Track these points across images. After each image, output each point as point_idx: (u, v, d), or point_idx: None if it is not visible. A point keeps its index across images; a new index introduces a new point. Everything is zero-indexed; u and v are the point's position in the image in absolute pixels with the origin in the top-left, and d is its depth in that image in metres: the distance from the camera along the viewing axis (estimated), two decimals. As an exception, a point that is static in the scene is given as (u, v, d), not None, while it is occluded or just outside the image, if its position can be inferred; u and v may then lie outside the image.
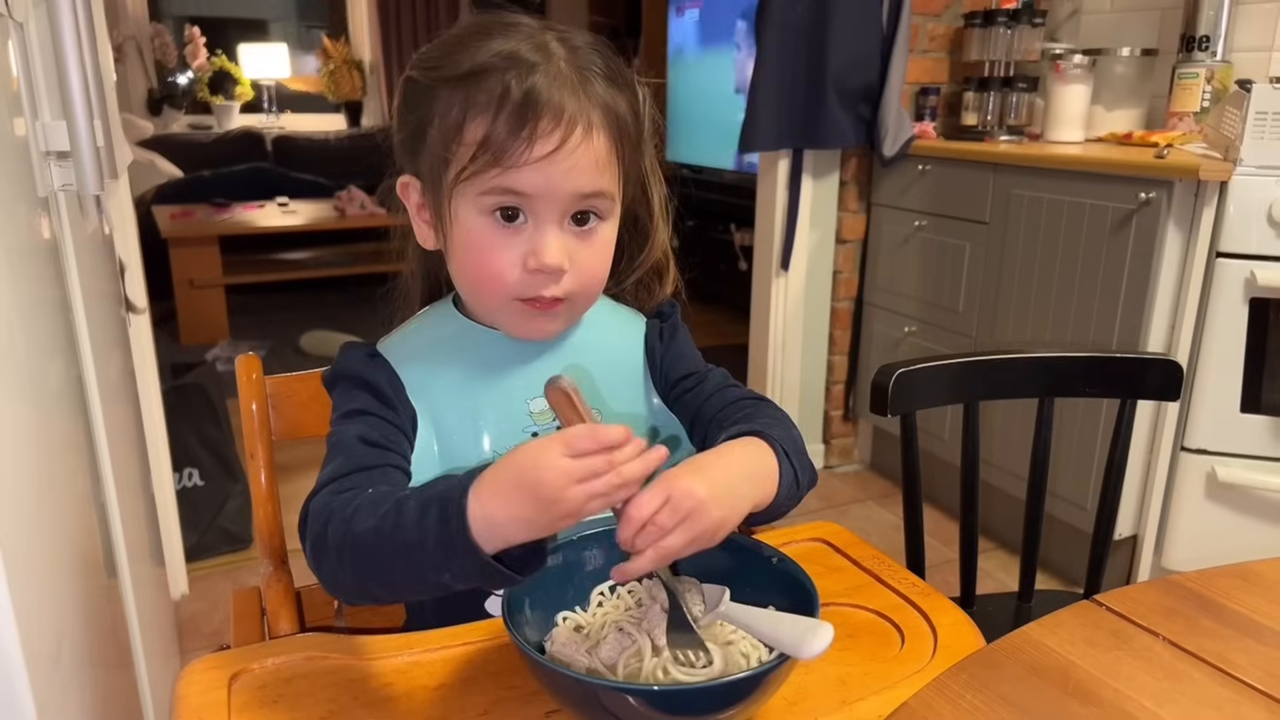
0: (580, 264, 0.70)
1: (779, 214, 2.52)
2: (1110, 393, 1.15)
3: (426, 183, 0.72)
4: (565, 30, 0.71)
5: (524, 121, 0.65)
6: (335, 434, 0.71)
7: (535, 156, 0.65)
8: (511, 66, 0.66)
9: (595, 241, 0.71)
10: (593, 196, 0.68)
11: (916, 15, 2.41)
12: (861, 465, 2.80)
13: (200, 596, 2.03)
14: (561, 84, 0.66)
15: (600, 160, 0.68)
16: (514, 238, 0.68)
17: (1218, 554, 1.86)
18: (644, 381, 0.80)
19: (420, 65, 0.71)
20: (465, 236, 0.69)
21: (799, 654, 0.55)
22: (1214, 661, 0.56)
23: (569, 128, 0.65)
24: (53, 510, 0.85)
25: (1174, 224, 1.76)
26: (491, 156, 0.65)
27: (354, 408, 0.72)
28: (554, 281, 0.69)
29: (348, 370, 0.74)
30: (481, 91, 0.66)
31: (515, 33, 0.68)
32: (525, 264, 0.68)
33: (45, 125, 0.97)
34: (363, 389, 0.73)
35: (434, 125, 0.68)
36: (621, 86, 0.70)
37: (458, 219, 0.69)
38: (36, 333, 0.87)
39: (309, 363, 3.80)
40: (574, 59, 0.68)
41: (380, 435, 0.70)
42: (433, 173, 0.70)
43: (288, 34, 5.81)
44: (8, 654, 0.65)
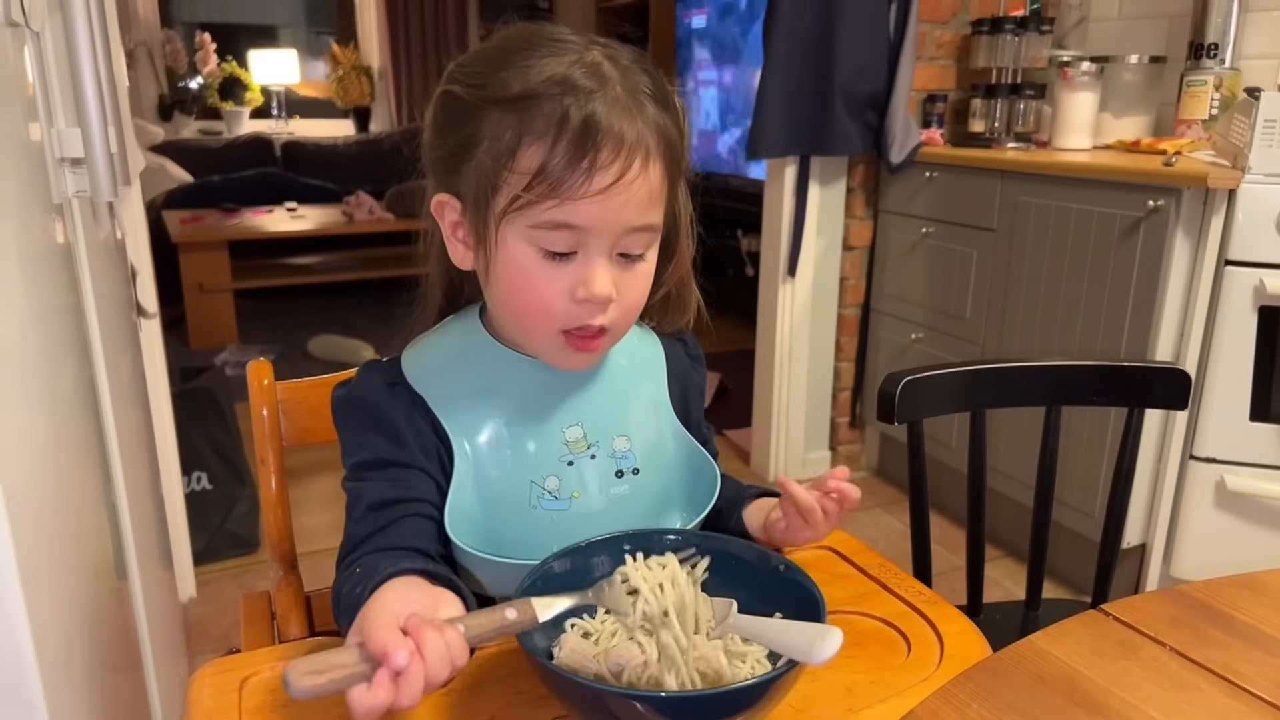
0: (624, 293, 0.69)
1: (786, 220, 2.53)
2: (1118, 401, 1.15)
3: (468, 204, 0.69)
4: (610, 46, 0.69)
5: (584, 151, 0.63)
6: (352, 489, 0.71)
7: (594, 189, 0.63)
8: (568, 91, 0.63)
9: (639, 271, 0.70)
10: (642, 230, 0.67)
11: (924, 23, 2.42)
12: (868, 472, 2.80)
13: (208, 600, 2.04)
14: (620, 111, 0.64)
15: (654, 192, 0.67)
16: (562, 268, 0.66)
17: (1226, 563, 1.86)
18: (666, 404, 0.79)
19: (464, 81, 0.68)
20: (511, 265, 0.67)
21: (809, 659, 0.55)
22: (1221, 672, 0.56)
23: (629, 158, 0.64)
24: (65, 513, 0.86)
25: (1182, 232, 1.76)
26: (548, 187, 0.63)
27: (367, 458, 0.71)
28: (601, 311, 0.68)
29: (365, 402, 0.72)
30: (538, 116, 0.63)
31: (564, 50, 0.66)
32: (574, 294, 0.66)
33: (60, 132, 0.98)
34: (378, 431, 0.71)
35: (482, 148, 0.66)
36: (669, 108, 0.68)
37: (504, 246, 0.67)
38: (50, 336, 0.88)
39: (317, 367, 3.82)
40: (626, 81, 0.66)
41: (394, 491, 0.69)
42: (478, 196, 0.67)
43: (297, 40, 5.83)
44: (21, 657, 0.65)
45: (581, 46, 0.67)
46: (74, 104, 0.97)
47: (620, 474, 0.74)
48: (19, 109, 0.85)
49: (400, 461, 0.70)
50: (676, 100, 0.70)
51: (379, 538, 0.67)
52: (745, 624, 0.64)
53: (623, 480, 0.74)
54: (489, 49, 0.69)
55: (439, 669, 0.50)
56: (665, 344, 0.82)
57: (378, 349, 3.66)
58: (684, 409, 0.81)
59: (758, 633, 0.63)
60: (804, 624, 0.60)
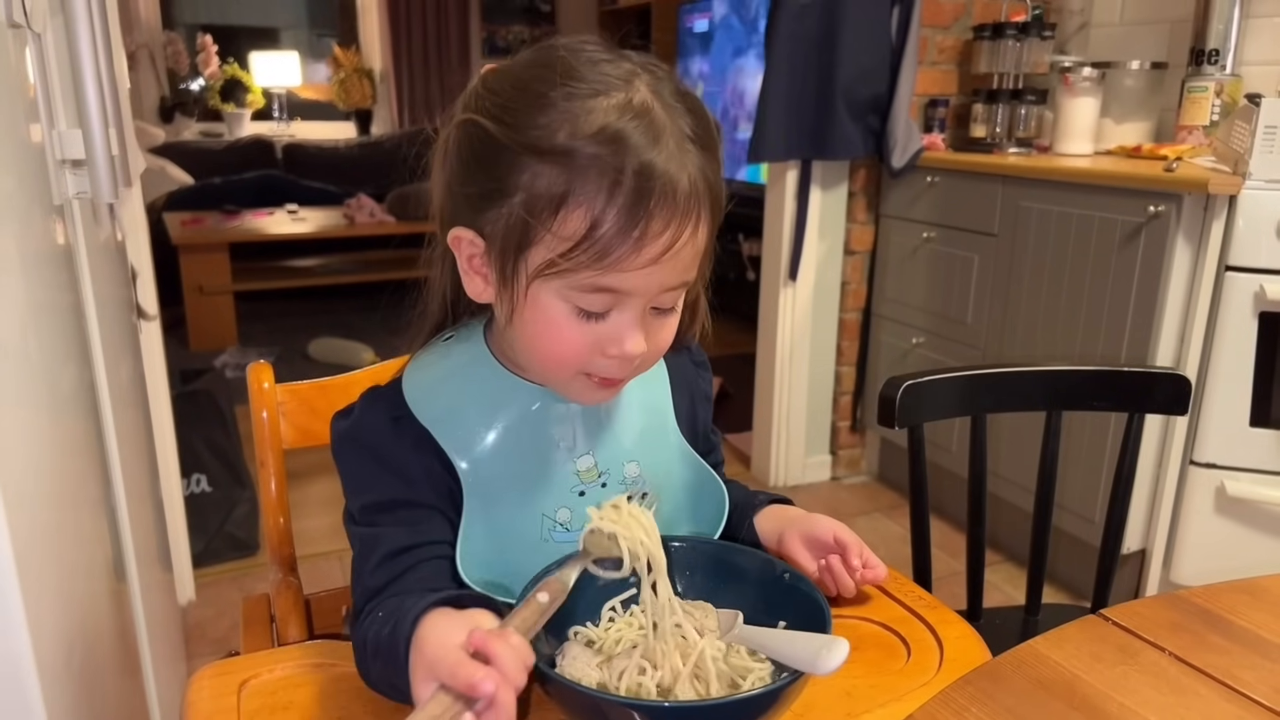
0: (653, 342, 0.66)
1: (787, 224, 2.53)
2: (1118, 407, 1.15)
3: (494, 247, 0.64)
4: (649, 69, 0.64)
5: (635, 220, 0.59)
6: (364, 535, 0.69)
7: (641, 262, 0.60)
8: (620, 149, 0.59)
9: (669, 319, 0.67)
10: (680, 287, 0.65)
11: (925, 28, 2.42)
12: (869, 477, 2.80)
13: (207, 603, 2.03)
14: (673, 171, 0.59)
15: (699, 252, 0.64)
16: (595, 325, 0.63)
17: (1227, 569, 1.86)
18: (672, 424, 0.78)
19: (496, 117, 0.62)
20: (539, 317, 0.64)
21: (816, 670, 0.55)
22: (1220, 677, 0.56)
23: (680, 225, 0.60)
24: (64, 514, 0.86)
25: (1183, 237, 1.76)
26: (594, 256, 0.59)
27: (375, 500, 0.69)
28: (630, 365, 0.66)
29: (369, 442, 0.70)
30: (587, 177, 0.59)
31: (608, 86, 0.60)
32: (604, 350, 0.64)
33: (61, 134, 0.98)
34: (385, 471, 0.69)
35: (517, 198, 0.61)
36: (713, 149, 0.64)
37: (534, 300, 0.63)
38: (50, 337, 0.88)
39: (317, 369, 3.82)
40: (675, 126, 0.61)
41: (408, 538, 0.67)
42: (507, 244, 0.63)
43: (299, 42, 5.84)
44: (19, 659, 0.65)
45: (625, 78, 0.62)
46: (75, 105, 0.97)
47: (630, 499, 0.72)
48: (20, 110, 0.85)
49: (411, 501, 0.68)
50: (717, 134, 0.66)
51: (396, 585, 0.66)
52: (751, 635, 0.64)
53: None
54: (523, 76, 0.63)
55: (519, 677, 0.51)
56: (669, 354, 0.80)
57: (378, 351, 3.66)
58: (691, 420, 0.80)
59: (763, 643, 0.63)
60: (810, 635, 0.60)
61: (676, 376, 0.79)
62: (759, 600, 0.67)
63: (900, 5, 2.34)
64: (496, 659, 0.51)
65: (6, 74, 0.80)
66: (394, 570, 0.66)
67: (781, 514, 0.81)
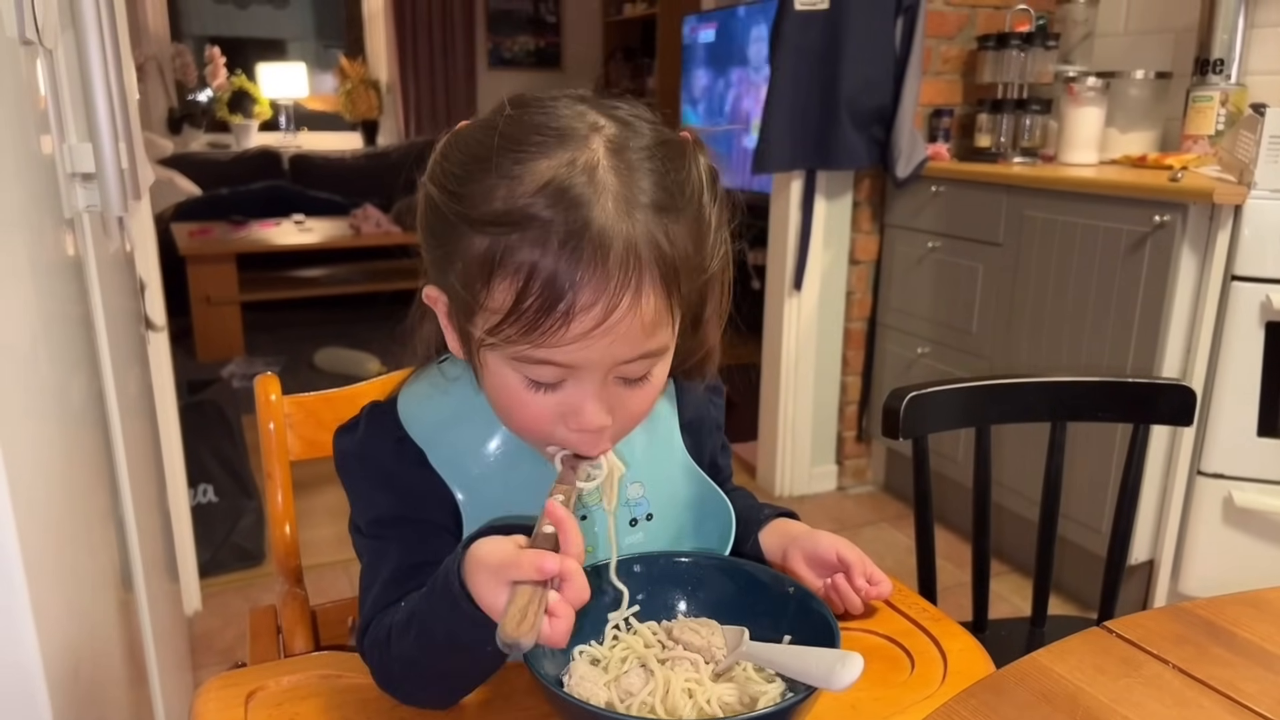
0: (626, 410, 0.63)
1: (792, 234, 2.53)
2: (1123, 418, 1.15)
3: (454, 308, 0.63)
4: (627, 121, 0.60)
5: (560, 293, 0.55)
6: (371, 548, 0.69)
7: (572, 336, 0.56)
8: (547, 218, 0.55)
9: (643, 388, 0.63)
10: (640, 359, 0.60)
11: (930, 38, 2.43)
12: (875, 487, 2.79)
13: (213, 613, 2.04)
14: (607, 240, 0.55)
15: (650, 322, 0.58)
16: (551, 395, 0.61)
17: (1235, 579, 1.85)
18: (678, 441, 0.76)
19: (442, 185, 0.61)
20: (496, 386, 0.63)
21: (831, 686, 0.55)
22: (1224, 690, 0.56)
23: (614, 298, 0.56)
24: (73, 524, 0.86)
25: (1189, 247, 1.76)
26: (520, 331, 0.57)
27: (383, 515, 0.69)
28: (598, 438, 0.63)
29: (374, 461, 0.69)
30: (512, 249, 0.56)
31: (561, 144, 0.57)
32: (566, 422, 0.62)
33: (71, 148, 0.99)
34: (391, 489, 0.69)
35: (456, 269, 0.59)
36: (680, 211, 0.59)
37: (487, 366, 0.62)
38: (60, 348, 0.89)
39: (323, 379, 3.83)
40: (624, 190, 0.57)
41: (414, 556, 0.67)
42: (458, 312, 0.62)
43: (306, 53, 5.88)
44: (28, 669, 0.66)
45: (583, 135, 0.58)
46: (85, 119, 0.98)
47: (634, 522, 0.73)
48: (32, 125, 0.86)
49: (416, 519, 0.68)
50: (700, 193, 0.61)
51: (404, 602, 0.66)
52: (758, 651, 0.63)
53: (636, 528, 0.73)
54: (470, 140, 0.61)
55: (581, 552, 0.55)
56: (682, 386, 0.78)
57: (384, 361, 3.67)
58: (698, 447, 0.78)
59: (772, 659, 0.62)
60: (822, 650, 0.59)
61: (685, 397, 0.78)
62: (764, 615, 0.67)
63: (904, 16, 2.35)
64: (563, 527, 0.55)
65: (19, 90, 0.81)
66: (403, 588, 0.66)
67: (785, 530, 0.80)
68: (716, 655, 0.64)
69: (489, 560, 0.55)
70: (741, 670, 0.63)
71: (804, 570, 0.76)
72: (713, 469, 0.80)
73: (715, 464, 0.81)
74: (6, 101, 0.76)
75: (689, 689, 0.61)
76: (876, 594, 0.74)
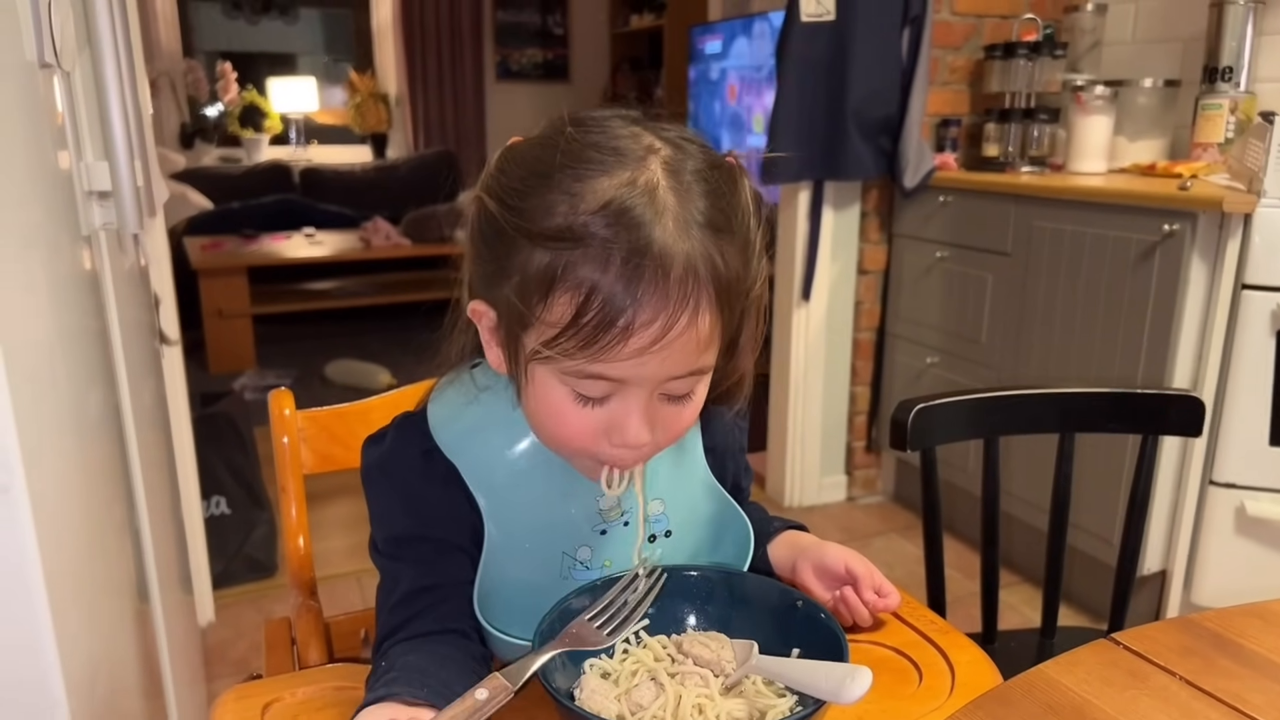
0: (667, 427, 0.64)
1: (800, 244, 2.54)
2: (1132, 429, 1.15)
3: (501, 324, 0.64)
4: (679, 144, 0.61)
5: (621, 309, 0.56)
6: (387, 568, 0.69)
7: (629, 352, 0.57)
8: (610, 236, 0.56)
9: (685, 406, 0.65)
10: (688, 376, 0.62)
11: (936, 48, 2.44)
12: (885, 497, 2.79)
13: (226, 624, 2.05)
14: (668, 259, 0.56)
15: (703, 340, 0.60)
16: (596, 410, 0.62)
17: (1247, 589, 1.84)
18: (700, 458, 0.76)
19: (500, 199, 0.61)
20: (542, 400, 0.63)
21: (840, 700, 0.55)
22: (1230, 701, 0.56)
23: (673, 315, 0.57)
24: (91, 535, 0.87)
25: (1198, 256, 1.76)
26: (578, 345, 0.58)
27: (400, 534, 0.69)
28: (638, 453, 0.64)
29: (400, 476, 0.70)
30: (573, 264, 0.57)
31: (618, 164, 0.58)
32: (609, 436, 0.63)
33: (88, 166, 1.00)
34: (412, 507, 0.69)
35: (512, 282, 0.60)
36: (734, 232, 0.60)
37: (534, 379, 0.63)
38: (77, 362, 0.90)
39: (334, 392, 3.84)
40: (683, 210, 0.58)
41: (429, 577, 0.68)
42: (509, 326, 0.62)
43: (316, 68, 5.92)
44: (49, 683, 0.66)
45: (640, 155, 0.59)
46: (102, 138, 0.99)
47: (653, 538, 0.73)
48: (49, 144, 0.87)
49: (434, 539, 0.69)
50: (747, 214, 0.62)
51: (415, 624, 0.67)
52: (768, 665, 0.63)
53: (655, 544, 0.73)
54: (529, 156, 0.62)
55: None
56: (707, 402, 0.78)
57: (394, 373, 3.69)
58: (721, 469, 0.78)
59: (781, 673, 0.63)
60: (831, 664, 0.60)
61: (712, 423, 0.77)
62: (773, 629, 0.67)
63: (911, 26, 2.36)
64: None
65: (37, 111, 0.83)
66: (413, 609, 0.67)
67: (794, 542, 0.81)
68: (726, 669, 0.65)
69: None
70: (751, 684, 0.64)
71: (813, 582, 0.77)
72: (734, 491, 0.79)
73: (737, 486, 0.81)
74: (26, 123, 0.78)
75: (699, 705, 0.61)
76: (884, 606, 0.74)
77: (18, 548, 0.65)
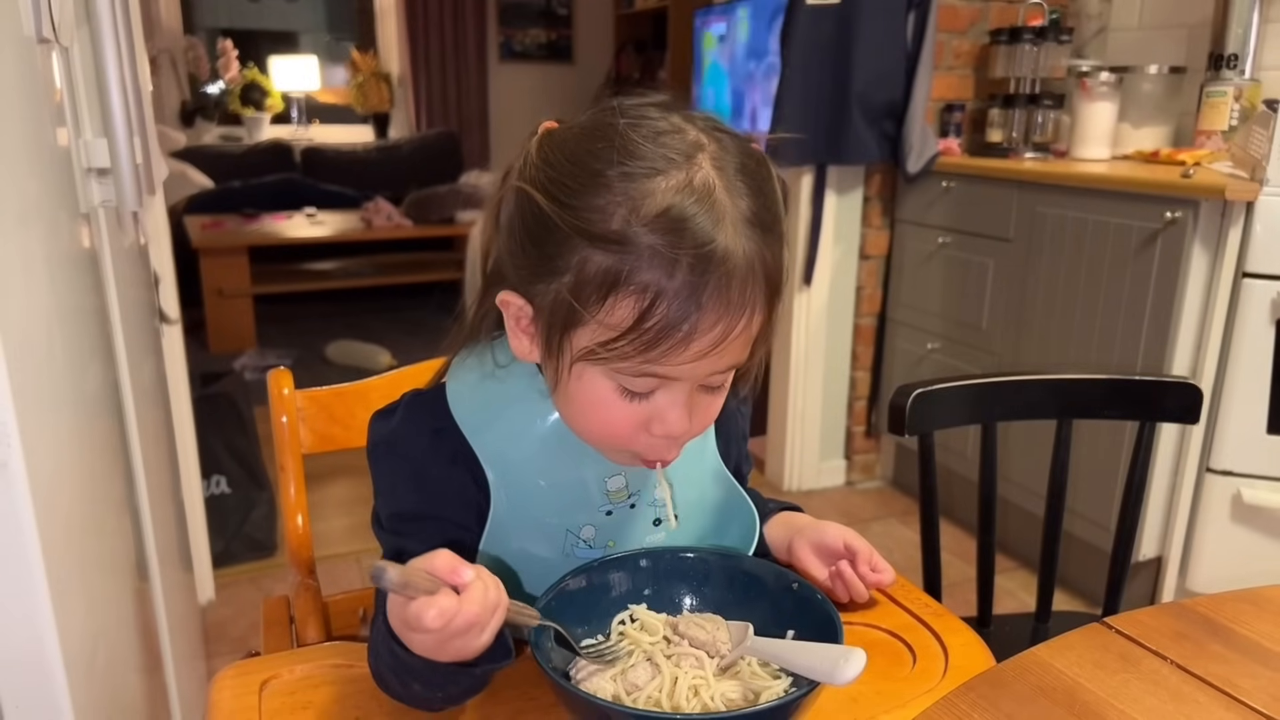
0: (702, 416, 0.65)
1: (802, 229, 2.53)
2: (1129, 415, 1.16)
3: (540, 318, 0.63)
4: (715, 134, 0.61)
5: (685, 316, 0.56)
6: (388, 543, 0.69)
7: (690, 355, 0.58)
8: (675, 241, 0.56)
9: (720, 394, 0.66)
10: (731, 369, 0.63)
11: (942, 32, 2.42)
12: (884, 482, 2.80)
13: (226, 603, 2.06)
14: (730, 264, 0.57)
15: (752, 338, 0.62)
16: (639, 404, 0.62)
17: (1242, 576, 1.85)
18: (712, 448, 0.77)
19: (550, 194, 0.59)
20: (583, 393, 0.63)
21: (834, 681, 0.56)
22: (1221, 685, 0.57)
23: (733, 320, 0.58)
24: (90, 513, 0.88)
25: (1200, 244, 1.76)
26: (639, 348, 0.58)
27: (404, 511, 0.70)
28: (679, 443, 0.65)
29: (407, 454, 0.70)
30: (637, 268, 0.56)
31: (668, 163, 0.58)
32: (649, 428, 0.63)
33: (87, 143, 1.00)
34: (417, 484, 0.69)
35: (566, 278, 0.59)
36: (777, 230, 0.61)
37: (577, 377, 0.62)
38: (76, 340, 0.90)
39: (334, 371, 3.85)
40: (737, 211, 0.58)
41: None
42: (553, 319, 0.61)
43: (317, 46, 5.89)
44: (48, 659, 0.67)
45: (688, 153, 0.59)
46: (101, 115, 0.99)
47: (658, 522, 0.73)
48: (48, 121, 0.87)
49: (439, 517, 0.69)
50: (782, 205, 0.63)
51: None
52: (763, 646, 0.64)
53: (659, 528, 0.73)
54: (579, 150, 0.60)
55: (495, 594, 0.55)
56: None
57: (395, 354, 3.69)
58: (725, 453, 0.79)
59: (776, 654, 0.63)
60: (825, 645, 0.60)
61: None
62: (769, 611, 0.68)
63: (916, 10, 2.34)
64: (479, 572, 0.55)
65: (35, 87, 0.83)
66: None
67: (790, 522, 0.81)
68: (721, 650, 0.65)
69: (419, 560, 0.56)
70: (746, 665, 0.64)
71: (810, 560, 0.77)
72: (735, 476, 0.80)
73: (739, 472, 0.82)
74: (24, 99, 0.78)
75: (695, 686, 0.62)
76: (878, 581, 0.75)
77: (15, 523, 0.65)
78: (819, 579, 0.76)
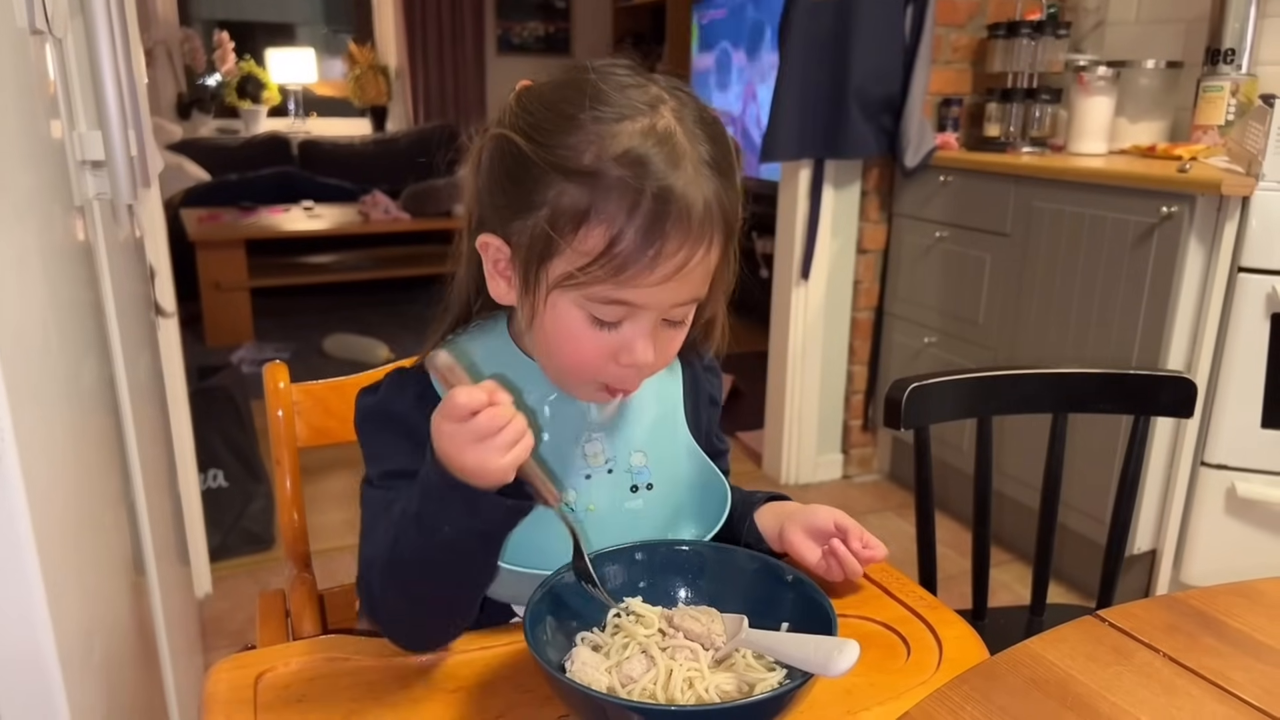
0: (665, 350, 0.70)
1: (800, 223, 2.53)
2: (1124, 409, 1.16)
3: (518, 255, 0.68)
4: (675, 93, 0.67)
5: (651, 241, 0.63)
6: (377, 496, 0.71)
7: (657, 278, 0.64)
8: (642, 172, 0.62)
9: (680, 329, 0.71)
10: (689, 302, 0.69)
11: (940, 26, 2.42)
12: (880, 475, 2.80)
13: (223, 596, 2.06)
14: (690, 197, 0.63)
15: (710, 269, 0.68)
16: (609, 334, 0.67)
17: (1237, 569, 1.85)
18: (681, 420, 0.81)
19: (527, 134, 0.66)
20: (557, 325, 0.68)
21: (828, 672, 0.56)
22: (1212, 678, 0.57)
23: (694, 246, 0.64)
24: (86, 507, 0.88)
25: (1196, 238, 1.76)
26: (610, 270, 0.63)
27: (395, 468, 0.71)
28: (641, 373, 0.70)
29: (395, 415, 0.73)
30: (608, 198, 0.63)
31: (634, 110, 0.64)
32: (618, 358, 0.68)
33: (81, 135, 1.00)
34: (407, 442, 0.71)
35: (542, 213, 0.65)
36: (732, 174, 0.67)
37: (552, 307, 0.67)
38: (71, 334, 0.90)
39: (331, 365, 3.84)
40: (695, 152, 0.65)
41: None
42: (530, 255, 0.67)
43: (314, 38, 5.87)
44: (41, 649, 0.67)
45: (651, 103, 0.65)
46: (95, 107, 0.98)
47: (635, 488, 0.76)
48: (41, 113, 0.87)
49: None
50: (735, 158, 0.68)
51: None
52: (757, 639, 0.64)
53: (637, 495, 0.76)
54: (554, 97, 0.67)
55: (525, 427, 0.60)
56: (686, 369, 0.83)
57: (392, 348, 3.69)
58: (695, 421, 0.82)
59: (771, 646, 0.63)
60: (819, 637, 0.61)
61: (687, 377, 0.82)
62: (763, 603, 0.68)
63: (914, 4, 2.34)
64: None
65: (29, 79, 0.82)
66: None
67: (780, 509, 0.83)
68: (716, 642, 0.65)
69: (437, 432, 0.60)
70: (741, 657, 0.65)
71: (803, 542, 0.79)
72: (709, 440, 0.84)
73: (712, 445, 0.84)
74: (17, 91, 0.77)
75: (689, 678, 0.62)
76: (870, 557, 0.77)
77: (10, 517, 0.65)
78: (812, 560, 0.78)
